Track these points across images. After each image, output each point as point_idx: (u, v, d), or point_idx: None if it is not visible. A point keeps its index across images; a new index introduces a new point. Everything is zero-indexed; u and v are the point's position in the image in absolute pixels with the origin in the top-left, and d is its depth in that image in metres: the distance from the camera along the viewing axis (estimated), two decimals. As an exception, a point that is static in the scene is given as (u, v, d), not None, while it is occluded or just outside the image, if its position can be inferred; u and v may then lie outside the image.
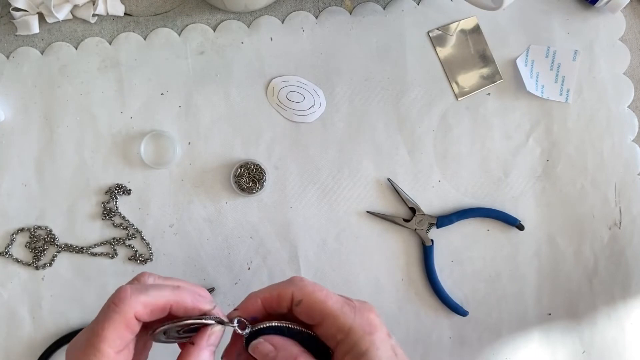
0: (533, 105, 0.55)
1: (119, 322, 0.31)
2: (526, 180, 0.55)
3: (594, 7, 0.55)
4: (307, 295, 0.34)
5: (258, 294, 0.35)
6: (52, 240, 0.51)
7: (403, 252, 0.54)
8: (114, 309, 0.31)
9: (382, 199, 0.54)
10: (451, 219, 0.53)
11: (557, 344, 0.55)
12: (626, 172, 0.55)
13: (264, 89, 0.53)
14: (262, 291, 0.35)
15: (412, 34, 0.54)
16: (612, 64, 0.55)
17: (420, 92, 0.54)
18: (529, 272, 0.55)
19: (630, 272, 0.55)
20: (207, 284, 0.52)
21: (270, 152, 0.53)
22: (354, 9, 0.54)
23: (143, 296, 0.32)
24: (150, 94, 0.52)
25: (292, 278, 0.35)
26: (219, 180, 0.53)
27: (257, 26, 0.53)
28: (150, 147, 0.52)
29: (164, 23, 0.53)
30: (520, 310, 0.54)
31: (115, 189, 0.52)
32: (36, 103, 0.52)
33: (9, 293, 0.51)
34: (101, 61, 0.52)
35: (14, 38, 0.52)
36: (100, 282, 0.52)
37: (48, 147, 0.52)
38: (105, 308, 0.32)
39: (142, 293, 0.32)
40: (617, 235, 0.55)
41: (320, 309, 0.33)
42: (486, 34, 0.55)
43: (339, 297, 0.34)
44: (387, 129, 0.54)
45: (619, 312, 0.55)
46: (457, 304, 0.53)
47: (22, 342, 0.51)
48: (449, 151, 0.54)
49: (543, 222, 0.55)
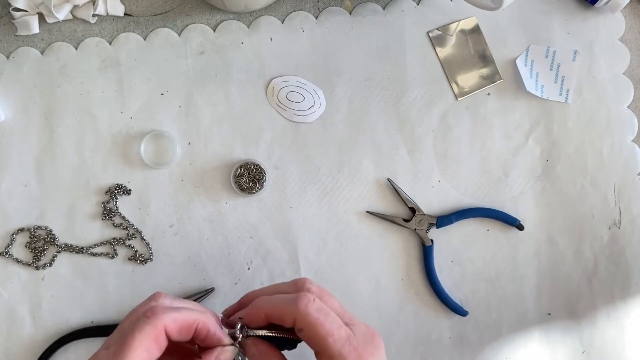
0: (533, 105, 0.55)
1: (150, 333, 0.31)
2: (526, 180, 0.55)
3: (593, 7, 0.55)
4: (309, 327, 0.33)
5: (262, 306, 0.35)
6: (52, 240, 0.51)
7: (403, 252, 0.54)
8: (146, 320, 0.31)
9: (382, 199, 0.54)
10: (451, 219, 0.53)
11: (557, 344, 0.55)
12: (626, 172, 0.55)
13: (264, 89, 0.53)
14: (266, 304, 0.35)
15: (412, 34, 0.54)
16: (612, 64, 0.55)
17: (420, 92, 0.54)
18: (529, 272, 0.55)
19: (630, 272, 0.55)
20: (207, 284, 0.52)
21: (270, 152, 0.53)
22: (354, 9, 0.54)
23: (174, 312, 0.32)
24: (150, 94, 0.52)
25: (298, 296, 0.34)
26: (219, 180, 0.53)
27: (257, 26, 0.53)
28: (150, 147, 0.52)
29: (164, 23, 0.53)
30: (520, 310, 0.54)
31: (115, 189, 0.52)
32: (36, 103, 0.52)
33: (9, 293, 0.51)
34: (101, 61, 0.52)
35: (14, 38, 0.52)
36: (100, 282, 0.52)
37: (48, 147, 0.52)
38: (134, 319, 0.32)
39: (173, 309, 0.32)
40: (617, 235, 0.55)
41: (320, 345, 0.33)
42: (486, 34, 0.55)
43: (342, 332, 0.33)
44: (387, 129, 0.54)
45: (619, 311, 0.55)
46: (457, 304, 0.53)
47: (22, 342, 0.51)
48: (449, 151, 0.54)
49: (543, 222, 0.55)
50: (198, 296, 0.51)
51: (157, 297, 0.35)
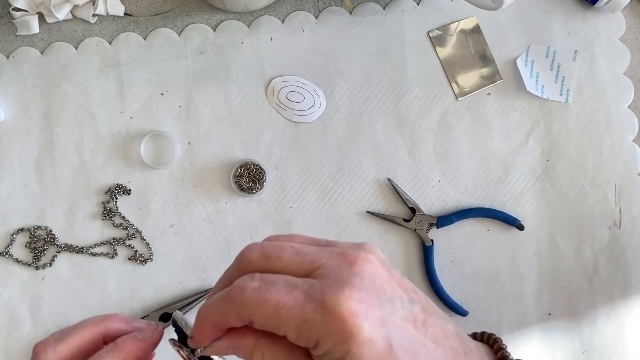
0: (533, 105, 0.55)
1: None
2: (526, 180, 0.55)
3: (594, 7, 0.55)
4: (254, 314, 0.24)
5: (203, 317, 0.26)
6: (52, 240, 0.51)
7: (403, 252, 0.54)
8: None
9: (382, 199, 0.54)
10: (451, 219, 0.53)
11: (557, 344, 0.55)
12: (626, 172, 0.55)
13: (264, 89, 0.53)
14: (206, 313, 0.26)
15: (412, 34, 0.54)
16: (612, 64, 0.55)
17: (420, 92, 0.54)
18: (529, 272, 0.55)
19: (630, 272, 0.55)
20: (207, 284, 0.52)
21: (270, 152, 0.53)
22: (354, 9, 0.54)
23: (59, 345, 0.28)
24: (150, 94, 0.52)
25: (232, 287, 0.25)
26: (219, 180, 0.53)
27: (257, 26, 0.53)
28: (150, 147, 0.52)
29: (164, 23, 0.53)
30: (520, 310, 0.54)
31: (115, 189, 0.52)
32: (36, 103, 0.52)
33: (9, 293, 0.51)
34: (101, 61, 0.52)
35: (14, 38, 0.52)
36: (100, 282, 0.52)
37: (48, 147, 0.52)
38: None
39: (57, 341, 0.28)
40: (617, 235, 0.55)
41: (276, 325, 0.24)
42: (486, 34, 0.55)
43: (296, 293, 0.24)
44: (387, 129, 0.54)
45: (619, 311, 0.55)
46: (457, 304, 0.53)
47: (22, 342, 0.51)
48: (449, 151, 0.54)
49: (543, 222, 0.55)
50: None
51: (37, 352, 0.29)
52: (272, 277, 0.25)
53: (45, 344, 0.29)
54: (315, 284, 0.24)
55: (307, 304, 0.23)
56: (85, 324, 0.30)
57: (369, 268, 0.25)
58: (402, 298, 0.25)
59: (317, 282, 0.24)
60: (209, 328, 0.26)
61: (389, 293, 0.25)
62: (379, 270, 0.25)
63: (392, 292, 0.25)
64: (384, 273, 0.25)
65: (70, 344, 0.29)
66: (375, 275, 0.25)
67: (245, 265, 0.26)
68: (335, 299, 0.23)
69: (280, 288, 0.24)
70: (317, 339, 0.23)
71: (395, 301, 0.25)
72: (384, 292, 0.25)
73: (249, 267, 0.26)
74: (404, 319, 0.24)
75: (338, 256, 0.25)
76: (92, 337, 0.30)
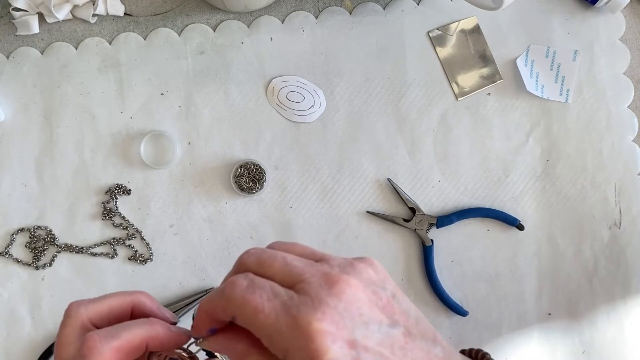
0: (533, 105, 0.55)
1: None
2: (526, 180, 0.55)
3: (594, 7, 0.55)
4: (236, 312, 0.26)
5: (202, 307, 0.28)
6: (52, 240, 0.51)
7: (403, 252, 0.54)
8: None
9: (382, 199, 0.54)
10: (451, 219, 0.53)
11: (557, 344, 0.55)
12: (626, 172, 0.55)
13: (264, 89, 0.53)
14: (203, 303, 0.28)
15: (412, 34, 0.54)
16: (612, 64, 0.55)
17: (420, 92, 0.54)
18: (529, 272, 0.55)
19: (630, 272, 0.55)
20: (207, 284, 0.52)
21: (270, 152, 0.53)
22: (354, 9, 0.54)
23: (115, 341, 0.28)
24: (150, 94, 0.52)
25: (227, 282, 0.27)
26: (219, 180, 0.53)
27: (257, 26, 0.53)
28: (150, 147, 0.52)
29: (164, 23, 0.53)
30: (520, 310, 0.54)
31: (115, 189, 0.52)
32: (36, 103, 0.52)
33: (9, 293, 0.51)
34: (101, 61, 0.52)
35: (14, 38, 0.52)
36: (100, 282, 0.52)
37: (48, 147, 0.52)
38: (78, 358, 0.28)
39: (113, 337, 0.28)
40: (617, 235, 0.55)
41: (253, 328, 0.25)
42: (486, 34, 0.55)
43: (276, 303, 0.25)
44: (387, 129, 0.54)
45: (619, 311, 0.55)
46: (457, 304, 0.53)
47: (22, 342, 0.51)
48: (449, 151, 0.54)
49: (543, 222, 0.55)
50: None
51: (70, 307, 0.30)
52: (262, 281, 0.26)
53: (79, 302, 0.30)
54: (294, 298, 0.25)
55: (283, 315, 0.24)
56: (118, 293, 0.32)
57: (348, 291, 0.25)
58: (381, 322, 0.26)
59: (297, 297, 0.25)
60: (204, 317, 0.28)
61: (366, 317, 0.25)
62: (358, 294, 0.26)
63: (370, 316, 0.25)
64: (364, 297, 0.26)
65: (101, 305, 0.31)
66: (353, 299, 0.25)
67: (242, 269, 0.28)
68: (308, 318, 0.24)
69: (263, 293, 0.25)
70: (285, 352, 0.24)
71: (371, 325, 0.25)
72: (359, 315, 0.25)
73: (245, 270, 0.28)
74: (378, 343, 0.25)
75: (322, 275, 0.26)
76: (122, 304, 0.31)
